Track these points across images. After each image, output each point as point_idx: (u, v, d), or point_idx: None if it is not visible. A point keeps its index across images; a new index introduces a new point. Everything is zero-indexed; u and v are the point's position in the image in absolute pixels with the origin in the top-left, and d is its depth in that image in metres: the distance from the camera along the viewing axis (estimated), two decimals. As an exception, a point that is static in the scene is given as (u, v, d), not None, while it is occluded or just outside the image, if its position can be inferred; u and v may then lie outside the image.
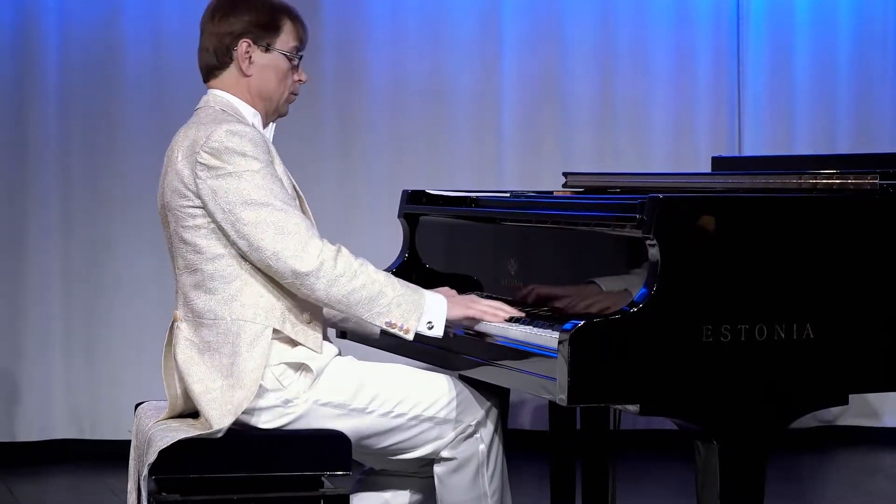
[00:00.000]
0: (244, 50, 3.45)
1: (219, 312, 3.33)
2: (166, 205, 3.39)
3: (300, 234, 3.27)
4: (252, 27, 3.46)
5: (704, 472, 3.05)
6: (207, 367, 3.32)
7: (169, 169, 3.39)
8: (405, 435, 3.43)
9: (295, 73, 3.52)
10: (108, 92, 6.15)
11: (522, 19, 6.46)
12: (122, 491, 3.53)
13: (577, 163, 6.20)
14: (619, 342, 2.92)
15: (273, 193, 3.29)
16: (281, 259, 3.25)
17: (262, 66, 3.47)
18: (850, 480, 6.12)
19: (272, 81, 3.48)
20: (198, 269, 3.35)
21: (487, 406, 3.48)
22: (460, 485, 3.44)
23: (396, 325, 3.31)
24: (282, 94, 3.51)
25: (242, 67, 3.46)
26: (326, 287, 3.26)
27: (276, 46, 3.47)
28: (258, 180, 3.28)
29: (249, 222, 3.26)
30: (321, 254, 3.26)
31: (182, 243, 3.36)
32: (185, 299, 3.38)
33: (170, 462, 3.24)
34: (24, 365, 6.10)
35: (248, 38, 3.45)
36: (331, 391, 3.37)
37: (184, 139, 3.39)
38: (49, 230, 6.11)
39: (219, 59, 3.50)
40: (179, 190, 3.34)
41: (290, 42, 3.49)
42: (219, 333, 3.32)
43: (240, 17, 3.47)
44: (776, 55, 6.64)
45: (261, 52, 3.47)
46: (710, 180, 3.90)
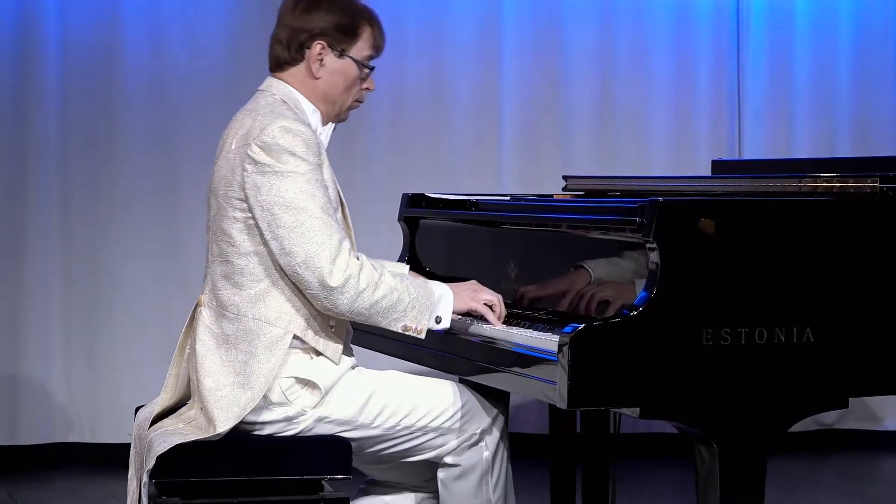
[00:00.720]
0: (317, 52, 3.39)
1: (242, 309, 3.31)
2: (213, 189, 3.36)
3: (332, 246, 3.22)
4: (331, 29, 3.39)
5: (704, 475, 3.05)
6: (222, 360, 3.30)
7: (221, 155, 3.36)
8: (410, 444, 3.43)
9: (363, 82, 3.47)
10: (108, 94, 6.14)
11: (522, 23, 6.46)
12: (123, 495, 3.53)
13: (578, 166, 6.20)
14: (619, 345, 2.92)
15: (314, 199, 3.24)
16: (310, 268, 3.21)
17: (333, 71, 3.41)
18: (849, 484, 6.12)
19: (339, 87, 3.43)
20: (229, 260, 3.32)
21: (493, 414, 3.47)
22: (464, 491, 3.44)
23: (412, 328, 3.31)
24: (346, 101, 3.46)
25: (312, 69, 3.40)
26: (350, 302, 3.23)
27: (350, 53, 3.41)
28: (302, 183, 3.23)
29: (285, 225, 3.22)
30: (348, 268, 3.22)
31: (219, 231, 3.33)
32: (213, 287, 3.36)
33: (170, 466, 3.24)
34: (23, 368, 6.09)
35: (324, 41, 3.38)
36: (337, 408, 3.36)
37: (239, 127, 3.34)
38: (49, 232, 6.10)
39: (290, 53, 3.41)
40: (227, 178, 3.31)
41: (365, 50, 3.44)
42: (239, 329, 3.30)
43: (321, 16, 3.39)
44: (776, 59, 6.64)
45: (334, 57, 3.41)
46: (710, 184, 3.90)
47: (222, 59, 6.20)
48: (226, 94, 6.21)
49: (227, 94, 6.21)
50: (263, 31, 6.34)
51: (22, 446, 6.10)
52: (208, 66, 6.19)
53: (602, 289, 3.27)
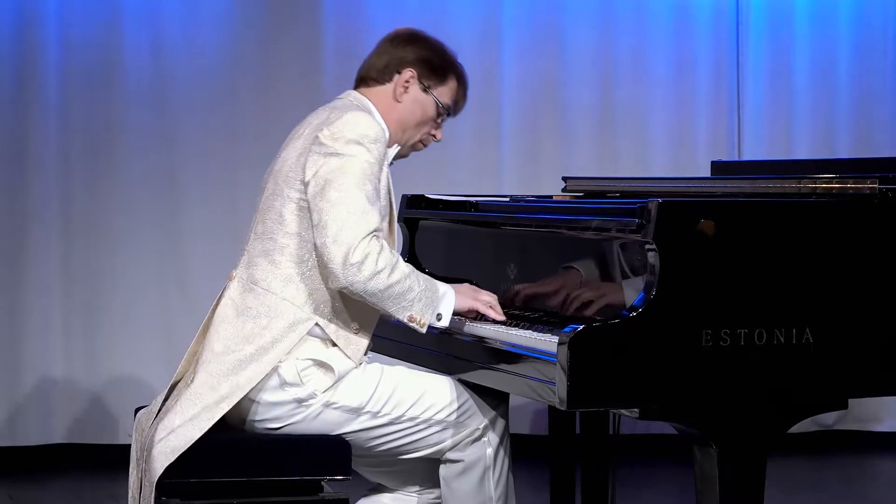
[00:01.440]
0: (406, 78, 3.54)
1: (273, 286, 3.37)
2: (275, 171, 3.46)
3: (365, 230, 3.29)
4: (424, 63, 3.55)
5: (704, 476, 3.05)
6: (237, 330, 3.35)
7: (293, 139, 3.47)
8: (413, 437, 3.45)
9: (434, 126, 3.60)
10: (108, 95, 6.15)
11: (522, 25, 6.46)
12: (122, 496, 3.53)
13: (577, 168, 6.20)
14: (618, 346, 2.92)
15: (363, 188, 3.32)
16: (338, 242, 3.27)
17: (414, 100, 3.55)
18: (849, 485, 6.12)
19: (416, 118, 3.56)
20: (273, 238, 3.40)
21: (495, 411, 3.50)
22: (466, 488, 3.46)
23: (416, 320, 3.36)
24: (413, 136, 3.59)
25: (397, 92, 3.54)
26: (366, 280, 3.28)
27: (433, 91, 3.56)
28: (357, 169, 3.33)
29: (329, 199, 3.30)
30: (368, 247, 3.28)
31: (270, 210, 3.42)
32: (249, 263, 3.44)
33: (170, 467, 3.24)
34: (23, 369, 6.09)
35: (415, 70, 3.54)
36: (346, 395, 3.39)
37: (315, 118, 3.47)
38: (49, 235, 6.10)
39: (380, 74, 3.57)
40: (292, 160, 3.41)
41: (447, 97, 3.58)
42: (263, 304, 3.36)
43: (417, 50, 3.56)
44: (775, 60, 6.64)
45: (419, 89, 3.55)
46: (710, 185, 3.90)
47: (222, 60, 6.20)
48: (225, 94, 6.21)
49: (227, 94, 6.22)
50: (263, 32, 6.42)
51: (22, 447, 6.10)
52: (208, 67, 6.19)
53: (601, 290, 3.27)
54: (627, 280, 3.15)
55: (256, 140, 6.17)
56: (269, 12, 6.26)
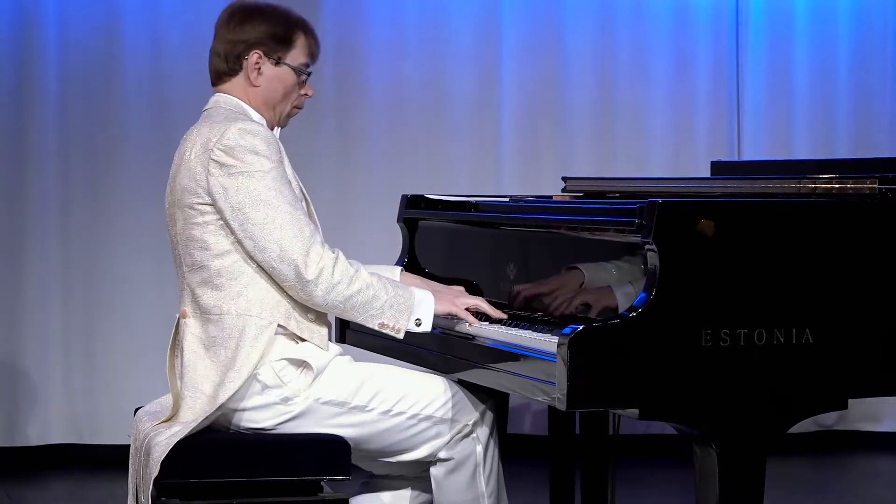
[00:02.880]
0: (254, 61, 3.48)
1: (225, 307, 3.36)
2: (176, 202, 3.41)
3: (305, 238, 3.30)
4: (266, 39, 3.49)
5: (704, 476, 3.05)
6: (213, 363, 3.34)
7: (181, 167, 3.41)
8: (404, 434, 3.45)
9: (301, 88, 3.56)
10: (108, 98, 6.15)
11: (522, 25, 6.46)
12: (122, 496, 3.53)
13: (577, 168, 6.20)
14: (618, 346, 2.92)
15: (282, 195, 3.32)
16: (285, 261, 3.29)
17: (270, 78, 3.50)
18: (849, 485, 6.12)
19: (278, 93, 3.52)
20: (205, 265, 3.37)
21: (483, 407, 3.50)
22: (457, 485, 3.46)
23: (388, 326, 3.37)
24: (285, 107, 3.55)
25: (251, 77, 3.49)
26: (324, 294, 3.31)
27: (286, 60, 3.51)
28: (268, 180, 3.32)
29: (257, 222, 3.30)
30: (321, 260, 3.30)
31: (190, 241, 3.39)
32: (193, 296, 3.41)
33: (170, 467, 3.24)
34: (23, 369, 6.09)
35: (260, 50, 3.48)
36: (331, 389, 3.39)
37: (196, 137, 3.41)
38: (49, 235, 6.10)
39: (229, 65, 3.51)
40: (190, 187, 3.36)
41: (300, 57, 3.54)
42: (224, 328, 3.35)
43: (255, 27, 3.49)
44: (775, 60, 6.64)
45: (271, 65, 3.50)
46: (710, 185, 3.90)
47: (221, 61, 6.19)
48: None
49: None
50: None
51: (22, 447, 6.10)
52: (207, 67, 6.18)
53: (601, 290, 3.27)
54: (627, 280, 3.15)
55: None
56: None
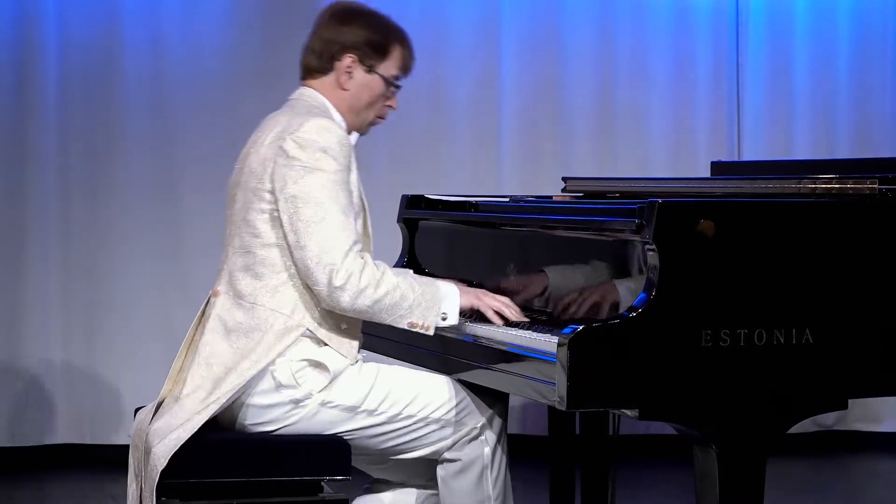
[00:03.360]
0: (347, 64, 3.48)
1: (259, 298, 3.35)
2: (241, 183, 3.42)
3: (345, 246, 3.28)
4: (362, 44, 3.49)
5: (703, 477, 3.05)
6: (231, 347, 3.34)
7: (252, 150, 3.42)
8: (411, 436, 3.45)
9: (388, 99, 3.56)
10: (108, 96, 6.15)
11: (522, 26, 6.46)
12: (122, 496, 3.53)
13: (577, 168, 6.20)
14: (618, 347, 2.92)
15: (336, 199, 3.30)
16: (321, 264, 3.27)
17: (360, 84, 3.50)
18: (849, 485, 6.12)
19: (364, 101, 3.51)
20: (251, 251, 3.37)
21: (492, 410, 3.50)
22: (464, 487, 3.46)
23: (418, 325, 3.36)
24: (368, 115, 3.55)
25: (341, 80, 3.49)
26: (352, 300, 3.28)
27: (378, 70, 3.51)
28: (326, 181, 3.31)
29: (305, 219, 3.29)
30: (351, 267, 3.27)
31: (244, 223, 3.39)
32: (231, 278, 3.40)
33: (169, 467, 3.24)
34: (23, 369, 6.09)
35: (355, 54, 3.48)
36: (342, 394, 3.39)
37: (274, 125, 3.42)
38: (49, 235, 6.10)
39: (321, 63, 3.50)
40: (257, 172, 3.37)
41: (392, 69, 3.53)
42: (253, 318, 3.35)
43: (354, 31, 3.49)
44: (775, 60, 6.64)
45: (362, 71, 3.50)
46: (710, 185, 3.90)
47: (222, 61, 6.20)
48: (225, 95, 6.21)
49: (227, 95, 6.21)
50: (263, 32, 6.41)
51: (22, 447, 6.10)
52: (208, 67, 6.19)
53: (601, 290, 3.27)
54: (627, 280, 3.15)
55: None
56: (269, 13, 6.26)
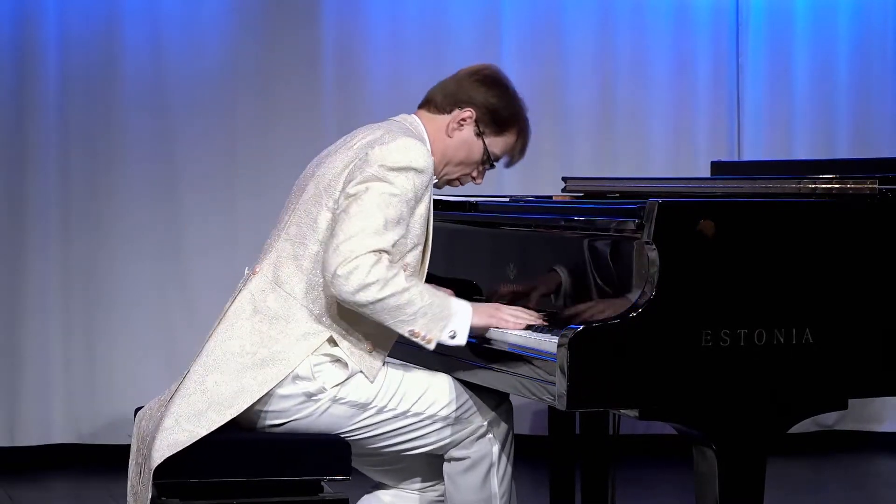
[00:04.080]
0: (464, 116, 3.52)
1: (296, 290, 3.35)
2: (317, 176, 3.43)
3: (367, 245, 3.25)
4: (487, 109, 3.52)
5: (703, 477, 3.05)
6: (252, 328, 3.33)
7: (342, 149, 3.44)
8: (417, 433, 3.45)
9: (476, 170, 3.58)
10: (108, 96, 6.14)
11: (522, 26, 6.46)
12: (122, 496, 3.53)
13: (577, 168, 6.19)
14: (618, 346, 2.92)
15: (385, 211, 3.28)
16: (338, 252, 3.25)
17: (464, 140, 3.53)
18: (849, 485, 6.12)
19: (459, 157, 3.54)
20: (304, 242, 3.38)
21: (499, 409, 3.50)
22: (471, 484, 3.47)
23: (419, 335, 3.31)
24: (452, 172, 3.57)
25: (450, 127, 3.52)
26: (353, 292, 3.24)
27: (486, 140, 3.53)
28: (386, 196, 3.29)
29: (350, 213, 3.28)
30: (362, 261, 3.23)
31: (307, 214, 3.40)
32: (276, 262, 3.40)
33: (169, 467, 3.24)
34: (23, 369, 6.09)
35: (476, 112, 3.51)
36: (355, 391, 3.38)
37: (368, 133, 3.45)
38: (49, 235, 6.10)
39: (444, 102, 3.54)
40: (338, 170, 3.39)
41: (498, 148, 3.57)
42: (283, 307, 3.35)
43: (488, 94, 3.54)
44: (775, 61, 6.64)
45: (472, 131, 3.52)
46: (710, 185, 3.90)
47: (222, 62, 6.20)
48: (225, 96, 6.21)
49: (227, 96, 6.21)
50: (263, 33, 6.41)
51: (22, 447, 6.10)
52: (208, 68, 6.19)
53: (601, 290, 3.27)
54: (627, 280, 3.15)
55: (256, 141, 6.18)
56: (269, 13, 6.26)
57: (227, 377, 3.31)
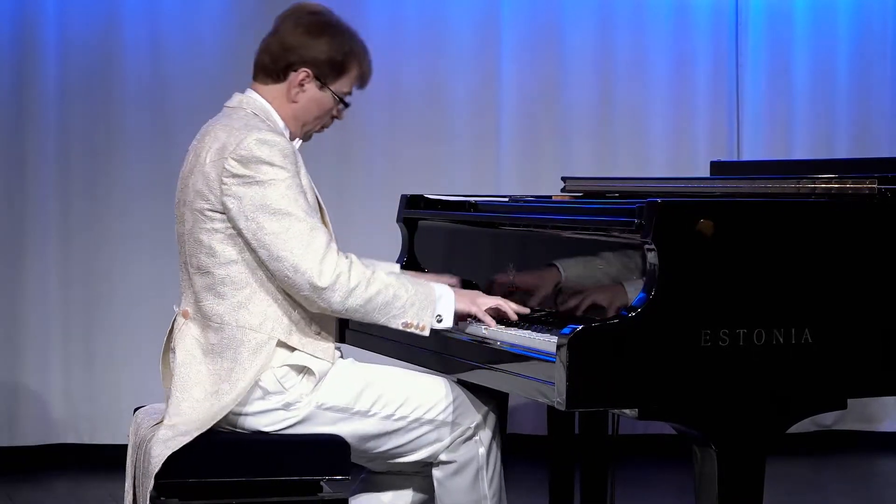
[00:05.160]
0: (301, 78, 3.44)
1: (225, 318, 3.32)
2: (187, 203, 3.37)
3: (320, 247, 3.25)
4: (322, 62, 3.43)
5: (703, 477, 3.05)
6: (209, 370, 3.32)
7: (195, 169, 3.37)
8: (405, 438, 3.44)
9: (334, 113, 3.53)
10: (107, 96, 6.14)
11: (521, 25, 6.46)
12: (121, 496, 3.53)
13: (576, 168, 6.20)
14: (617, 346, 2.92)
15: (297, 204, 3.27)
16: (300, 271, 3.24)
17: (310, 99, 3.46)
18: (849, 485, 6.12)
19: (312, 114, 3.48)
20: (210, 272, 3.34)
21: (485, 409, 3.49)
22: (460, 488, 3.46)
23: (413, 325, 3.33)
24: (313, 126, 3.52)
25: (291, 93, 3.45)
26: (342, 299, 3.26)
27: (331, 86, 3.47)
28: (283, 190, 3.27)
29: (272, 232, 3.25)
30: (337, 267, 3.25)
31: (197, 244, 3.35)
32: (196, 299, 3.38)
33: (168, 467, 3.24)
34: (23, 369, 6.09)
35: (311, 71, 3.43)
36: (334, 395, 3.38)
37: (213, 141, 3.37)
38: (48, 236, 6.10)
39: (275, 67, 3.45)
40: (203, 192, 3.32)
41: (346, 86, 3.49)
42: (223, 339, 3.32)
43: (318, 46, 3.43)
44: (775, 60, 6.64)
45: (315, 87, 3.46)
46: (709, 185, 3.90)
47: (222, 61, 6.20)
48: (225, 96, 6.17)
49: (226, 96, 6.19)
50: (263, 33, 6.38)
51: (21, 447, 6.10)
52: (207, 68, 6.19)
53: (601, 290, 3.27)
54: (627, 280, 3.15)
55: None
56: (269, 13, 6.21)
57: (200, 414, 3.29)
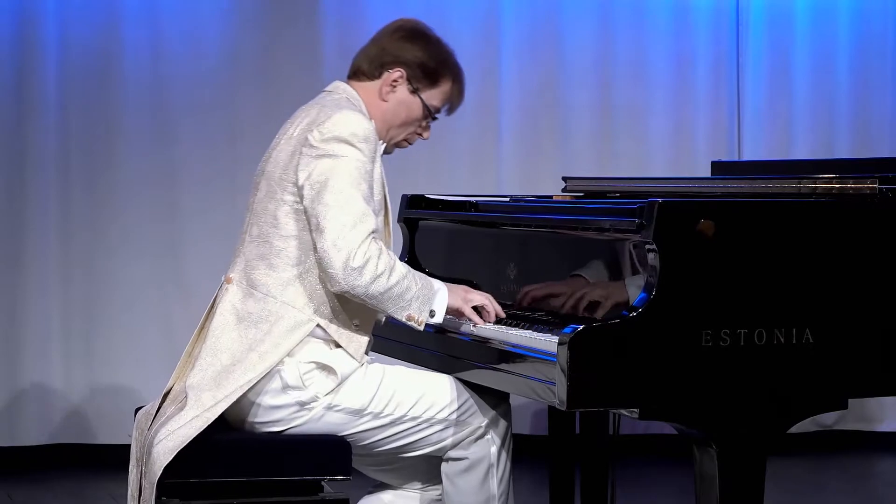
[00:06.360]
0: (394, 77, 3.48)
1: (272, 290, 3.36)
2: (266, 173, 3.44)
3: (364, 231, 3.28)
4: (416, 64, 3.49)
5: (703, 477, 3.05)
6: (240, 336, 3.34)
7: (282, 140, 3.44)
8: (415, 437, 3.45)
9: (421, 127, 3.56)
10: (107, 96, 6.14)
11: (522, 25, 6.46)
12: (122, 496, 3.53)
13: (577, 167, 6.20)
14: (618, 346, 2.92)
15: (358, 187, 3.31)
16: (338, 247, 3.27)
17: (400, 101, 3.50)
18: (849, 485, 6.12)
19: (399, 118, 3.52)
20: (269, 241, 3.38)
21: (498, 409, 3.50)
22: (470, 485, 3.47)
23: (414, 318, 3.37)
24: (398, 134, 3.55)
25: (383, 90, 3.49)
26: (367, 284, 3.28)
27: (422, 95, 3.50)
28: (351, 169, 3.31)
29: (326, 203, 3.29)
30: (369, 250, 3.28)
31: (265, 213, 3.40)
32: (246, 267, 3.41)
33: (171, 467, 3.24)
34: (23, 369, 6.09)
35: (405, 71, 3.48)
36: (348, 397, 3.39)
37: (304, 116, 3.43)
38: (48, 235, 6.10)
39: (371, 68, 3.51)
40: (284, 162, 3.39)
41: (437, 100, 3.53)
42: (263, 310, 3.35)
43: (412, 49, 3.49)
44: (775, 60, 6.64)
45: (406, 90, 3.49)
46: (710, 185, 3.90)
47: (222, 61, 6.20)
48: (224, 96, 6.21)
49: (226, 96, 6.22)
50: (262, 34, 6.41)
51: (22, 447, 6.10)
52: (208, 67, 6.19)
53: (601, 290, 3.27)
54: (627, 280, 3.16)
55: (255, 140, 6.15)
56: (269, 12, 6.26)
57: (217, 383, 3.31)
